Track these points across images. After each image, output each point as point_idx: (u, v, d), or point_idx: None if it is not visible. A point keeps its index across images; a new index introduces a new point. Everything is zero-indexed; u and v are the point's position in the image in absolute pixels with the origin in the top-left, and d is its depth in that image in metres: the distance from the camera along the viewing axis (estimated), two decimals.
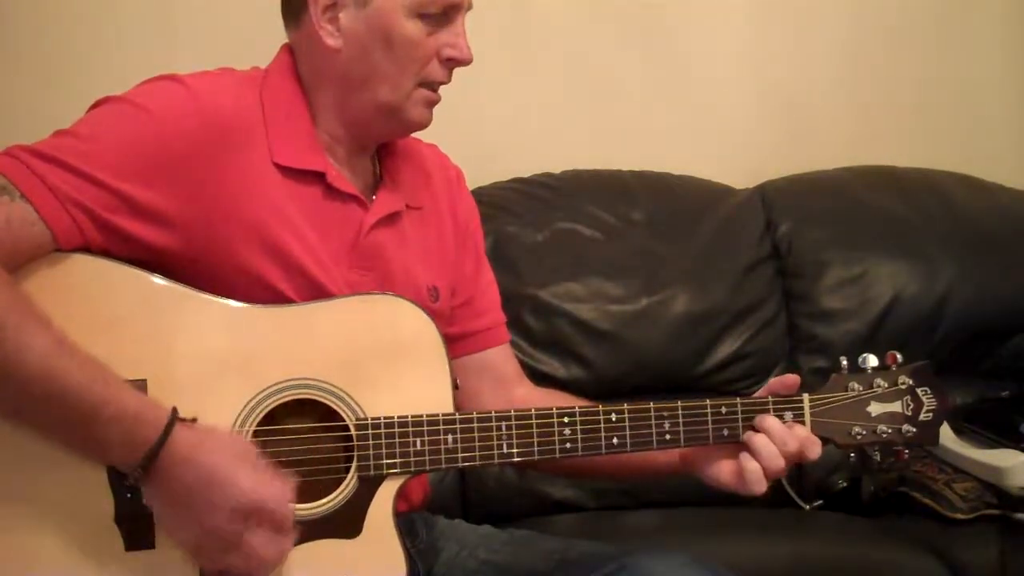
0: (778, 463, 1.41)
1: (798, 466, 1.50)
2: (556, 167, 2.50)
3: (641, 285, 2.35)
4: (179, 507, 1.24)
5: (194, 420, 1.26)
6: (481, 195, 1.74)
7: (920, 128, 2.76)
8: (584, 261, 2.35)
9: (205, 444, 1.25)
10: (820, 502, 2.20)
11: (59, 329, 1.22)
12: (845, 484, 2.21)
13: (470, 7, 1.46)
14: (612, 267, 2.35)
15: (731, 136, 2.69)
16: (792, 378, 1.48)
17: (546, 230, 2.36)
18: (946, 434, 1.53)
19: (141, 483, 1.24)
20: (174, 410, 1.24)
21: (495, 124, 2.50)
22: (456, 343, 1.55)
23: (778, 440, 1.42)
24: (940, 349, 2.37)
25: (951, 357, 2.35)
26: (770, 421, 1.43)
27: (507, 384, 1.62)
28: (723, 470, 1.46)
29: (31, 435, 1.24)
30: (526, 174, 2.47)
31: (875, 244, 2.44)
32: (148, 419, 1.22)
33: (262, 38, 1.50)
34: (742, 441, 1.43)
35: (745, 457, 1.42)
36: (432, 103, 1.46)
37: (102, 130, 1.32)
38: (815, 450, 1.43)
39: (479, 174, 1.87)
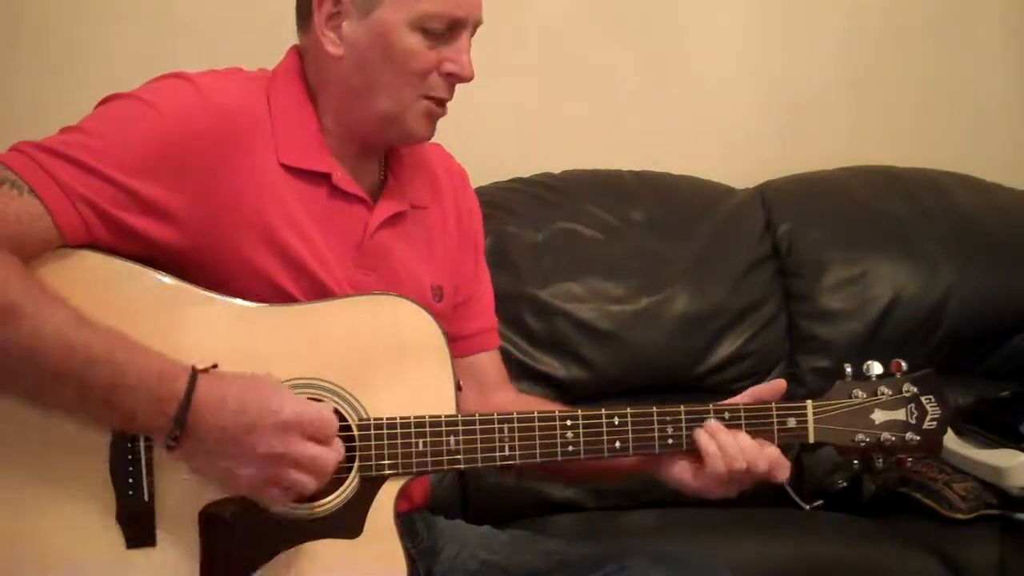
0: (720, 467, 1.41)
1: (798, 467, 1.50)
2: (556, 167, 2.50)
3: (641, 285, 2.34)
4: (225, 451, 1.25)
5: (215, 366, 1.26)
6: (481, 195, 1.74)
7: (920, 128, 2.76)
8: (584, 261, 2.34)
9: (232, 383, 1.25)
10: (820, 502, 2.20)
11: (74, 306, 1.23)
12: (845, 484, 2.20)
13: (478, 25, 1.44)
14: (612, 267, 2.35)
15: (731, 136, 2.68)
16: (779, 383, 1.49)
17: (546, 230, 2.36)
18: (947, 434, 1.52)
19: (180, 443, 1.24)
20: (193, 366, 1.25)
21: (495, 124, 2.49)
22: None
23: (737, 453, 1.41)
24: (940, 349, 2.37)
25: (951, 357, 2.35)
26: (741, 436, 1.43)
27: (488, 390, 1.61)
28: (685, 471, 1.46)
29: (32, 433, 1.25)
30: (526, 174, 2.47)
31: (875, 244, 2.44)
32: (171, 376, 1.23)
33: (268, 38, 1.50)
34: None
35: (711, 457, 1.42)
36: (434, 116, 1.45)
37: (110, 127, 1.32)
38: (784, 472, 1.43)
39: (479, 174, 1.86)
